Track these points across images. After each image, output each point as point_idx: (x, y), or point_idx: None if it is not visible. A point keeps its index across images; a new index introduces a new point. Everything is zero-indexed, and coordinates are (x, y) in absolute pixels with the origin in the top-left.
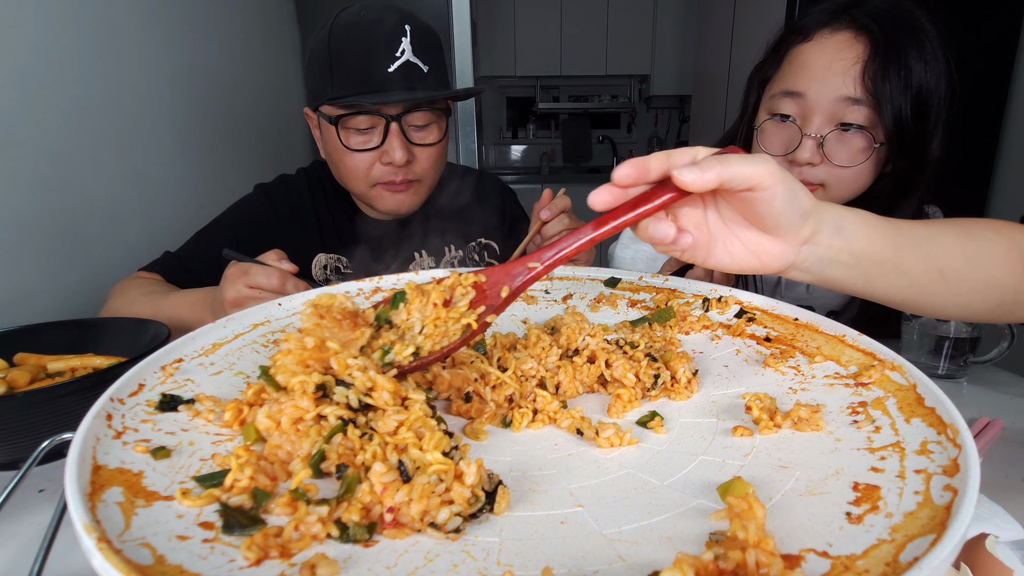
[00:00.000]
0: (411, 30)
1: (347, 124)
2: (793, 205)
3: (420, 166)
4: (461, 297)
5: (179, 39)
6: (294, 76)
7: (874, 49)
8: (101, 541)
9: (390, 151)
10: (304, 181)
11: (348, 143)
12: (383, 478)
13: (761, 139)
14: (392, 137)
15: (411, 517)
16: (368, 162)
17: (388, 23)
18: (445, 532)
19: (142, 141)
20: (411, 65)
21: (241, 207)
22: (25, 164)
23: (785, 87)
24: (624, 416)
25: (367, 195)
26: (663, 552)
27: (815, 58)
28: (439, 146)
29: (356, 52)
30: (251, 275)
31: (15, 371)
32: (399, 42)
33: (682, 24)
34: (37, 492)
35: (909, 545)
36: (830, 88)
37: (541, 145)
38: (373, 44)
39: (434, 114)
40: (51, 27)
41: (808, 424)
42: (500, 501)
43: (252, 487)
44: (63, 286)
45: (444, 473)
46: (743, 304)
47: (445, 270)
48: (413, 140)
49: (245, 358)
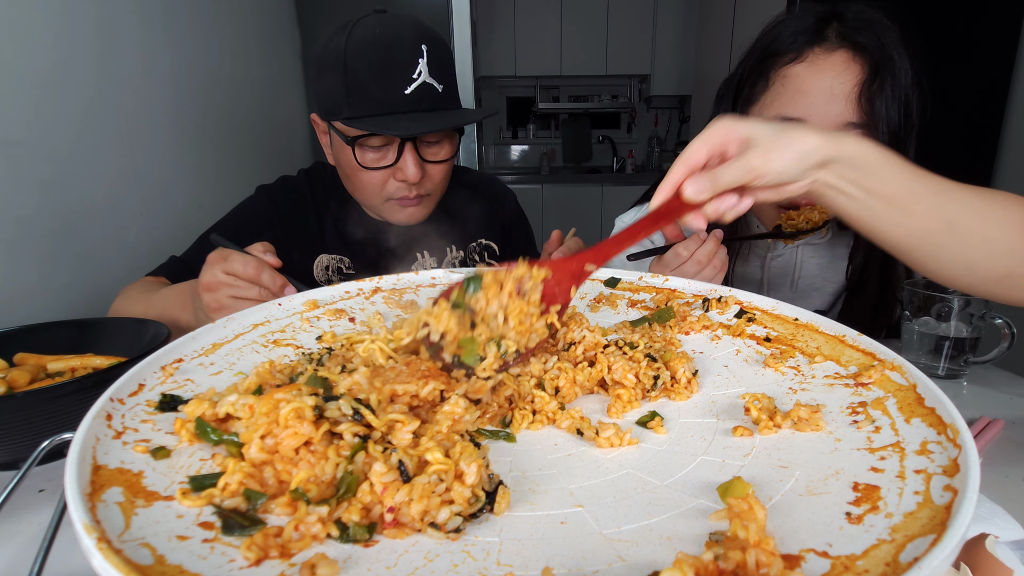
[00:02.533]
0: (427, 50)
1: (362, 143)
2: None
3: (432, 181)
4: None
5: (179, 39)
6: (294, 76)
7: (872, 71)
8: (101, 541)
9: (404, 169)
10: (306, 182)
11: (363, 161)
12: (383, 478)
13: None
14: (407, 155)
15: (411, 517)
16: (382, 179)
17: (405, 42)
18: (445, 532)
19: (142, 141)
20: (427, 86)
21: (244, 209)
22: (25, 164)
23: (782, 112)
24: (624, 416)
25: (379, 208)
26: (663, 552)
27: (814, 83)
28: (450, 161)
29: (373, 74)
30: (229, 262)
31: (15, 371)
32: (416, 64)
33: (682, 24)
34: (37, 492)
35: (909, 545)
36: (832, 114)
37: (541, 145)
38: (391, 67)
39: (446, 132)
40: (51, 27)
41: (808, 424)
42: (500, 501)
43: (243, 488)
44: (63, 286)
45: (444, 473)
46: (743, 304)
47: (444, 270)
48: (426, 157)
49: (245, 358)
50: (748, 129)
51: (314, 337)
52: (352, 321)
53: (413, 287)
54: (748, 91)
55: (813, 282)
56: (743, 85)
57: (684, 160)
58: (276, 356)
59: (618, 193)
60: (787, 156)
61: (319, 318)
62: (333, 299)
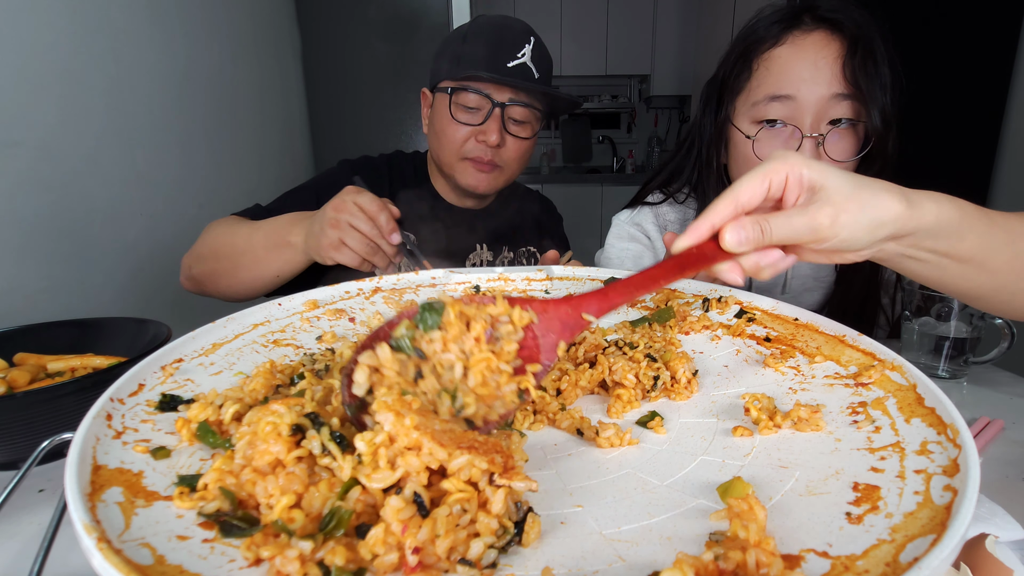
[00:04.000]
0: (534, 41)
1: (458, 100)
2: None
3: (508, 154)
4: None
5: (179, 39)
6: (294, 76)
7: (852, 44)
8: (101, 541)
9: (488, 131)
10: (385, 164)
11: (456, 115)
12: (401, 514)
13: (757, 149)
14: (492, 120)
15: (437, 556)
16: (465, 135)
17: (516, 29)
18: (481, 569)
19: (143, 141)
20: (527, 68)
21: (327, 176)
22: (25, 164)
23: (771, 92)
24: (624, 416)
25: (455, 167)
26: (663, 552)
27: (797, 61)
28: (528, 143)
29: (485, 45)
30: (361, 195)
31: (15, 371)
32: (522, 46)
33: (682, 24)
34: (37, 492)
35: (909, 545)
36: (819, 87)
37: (541, 145)
38: (501, 40)
39: (531, 113)
40: (52, 28)
41: (808, 424)
42: (529, 531)
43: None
44: (63, 286)
45: (467, 502)
46: (743, 304)
47: (444, 270)
48: (509, 130)
49: (245, 358)
50: (820, 175)
51: (314, 337)
52: (352, 321)
53: (413, 287)
54: (732, 83)
55: (806, 283)
56: (727, 81)
57: (734, 198)
58: (276, 356)
59: (618, 193)
60: (861, 221)
61: (319, 318)
62: (333, 299)
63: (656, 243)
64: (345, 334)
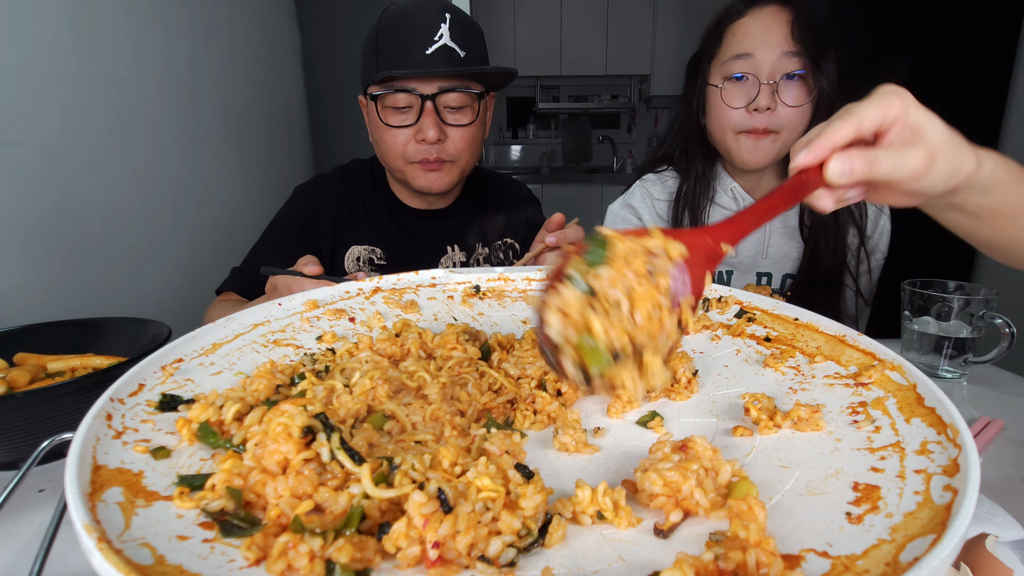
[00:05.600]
0: (451, 17)
1: (386, 103)
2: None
3: (454, 146)
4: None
5: (179, 39)
6: (294, 76)
7: (796, 14)
8: (101, 541)
9: (423, 128)
10: (340, 178)
11: (387, 120)
12: (423, 509)
13: (724, 97)
14: (426, 116)
15: (457, 552)
16: (404, 139)
17: (429, 10)
18: (499, 567)
19: (142, 141)
20: (448, 49)
21: (284, 214)
22: (25, 164)
23: (735, 51)
24: (624, 416)
25: (404, 172)
26: (663, 552)
27: (755, 26)
28: (471, 128)
29: (398, 36)
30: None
31: (15, 371)
32: (438, 27)
33: (682, 24)
34: (37, 492)
35: (909, 545)
36: (772, 45)
37: (541, 145)
38: (413, 28)
39: (468, 97)
40: (51, 28)
41: (808, 424)
42: (553, 534)
43: (226, 486)
44: (63, 286)
45: (492, 501)
46: (743, 304)
47: (444, 270)
48: (447, 120)
49: (245, 358)
50: (925, 117)
51: (314, 337)
52: (352, 321)
53: (413, 287)
54: (708, 53)
55: (783, 248)
56: (704, 52)
57: (857, 120)
58: (276, 356)
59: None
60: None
61: (319, 318)
62: (333, 299)
63: (647, 223)
64: (345, 334)
